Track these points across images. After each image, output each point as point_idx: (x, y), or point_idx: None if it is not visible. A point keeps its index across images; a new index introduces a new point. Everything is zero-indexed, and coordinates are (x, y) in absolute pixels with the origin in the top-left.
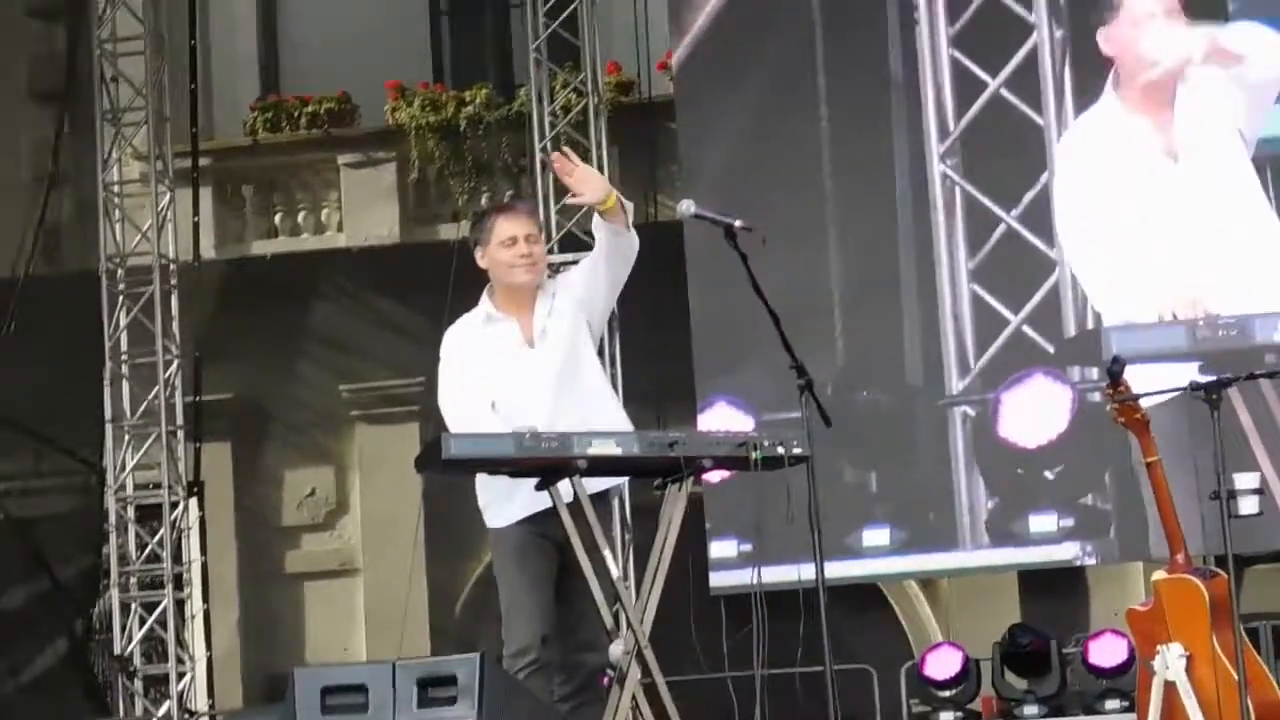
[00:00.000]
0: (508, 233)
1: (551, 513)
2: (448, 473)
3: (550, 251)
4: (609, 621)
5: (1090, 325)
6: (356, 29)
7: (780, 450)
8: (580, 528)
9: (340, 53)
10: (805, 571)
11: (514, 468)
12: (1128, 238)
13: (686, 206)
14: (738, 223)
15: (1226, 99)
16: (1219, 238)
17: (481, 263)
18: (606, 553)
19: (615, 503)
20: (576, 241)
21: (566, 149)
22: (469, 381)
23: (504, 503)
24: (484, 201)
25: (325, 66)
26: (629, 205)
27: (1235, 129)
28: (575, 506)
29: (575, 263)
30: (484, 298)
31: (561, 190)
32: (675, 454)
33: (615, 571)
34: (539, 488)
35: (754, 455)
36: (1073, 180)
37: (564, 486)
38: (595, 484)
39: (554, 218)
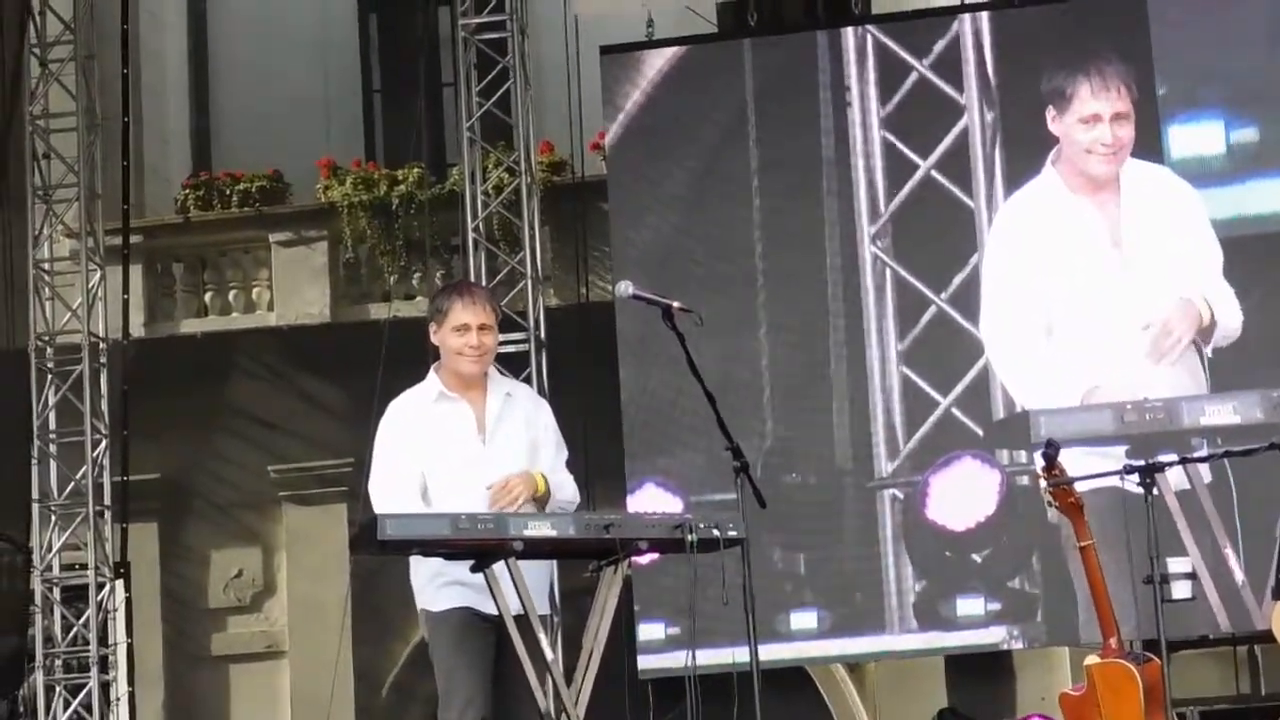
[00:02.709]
0: (461, 319)
1: (486, 593)
2: (383, 554)
3: None
4: (543, 704)
5: (1019, 408)
6: (289, 106)
7: (716, 533)
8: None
9: (273, 130)
10: (738, 655)
11: (450, 549)
12: (1058, 316)
13: (625, 287)
14: (676, 304)
15: (1174, 187)
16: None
17: (433, 339)
18: (541, 635)
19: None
20: (507, 322)
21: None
22: (406, 460)
23: (440, 587)
24: (415, 282)
25: (257, 144)
26: (556, 481)
27: (1183, 215)
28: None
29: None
30: (433, 374)
31: (492, 271)
32: (611, 536)
33: (550, 655)
34: (474, 570)
35: (689, 538)
36: (1004, 254)
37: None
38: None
39: None
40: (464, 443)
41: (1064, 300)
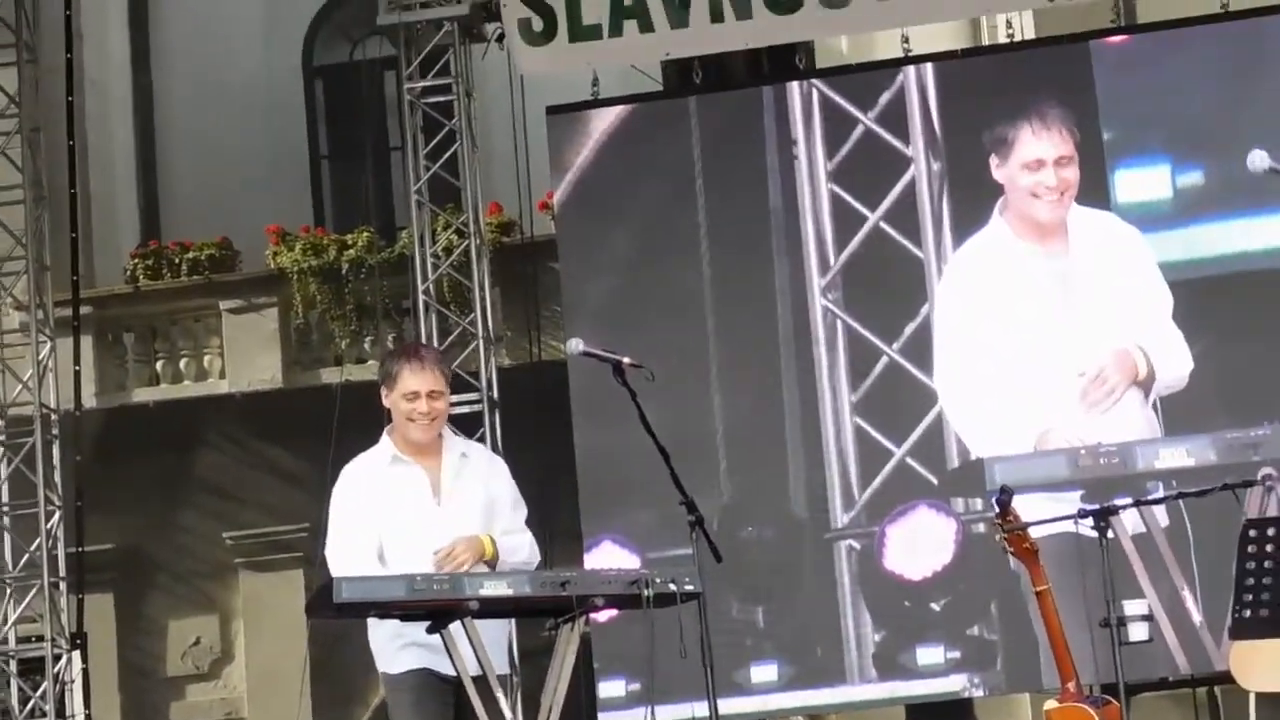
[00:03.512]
0: (410, 386)
1: (444, 654)
2: (340, 617)
3: None
4: None
5: (973, 456)
6: (237, 174)
7: (673, 587)
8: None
9: (221, 198)
10: (698, 709)
11: (405, 610)
12: (1009, 365)
13: (575, 345)
14: (626, 360)
15: (1120, 233)
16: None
17: (385, 402)
18: (500, 695)
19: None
20: (460, 382)
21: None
22: (361, 524)
23: (398, 649)
24: (366, 345)
25: (206, 212)
26: (509, 544)
27: (1131, 261)
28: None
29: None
30: (386, 438)
31: (444, 332)
32: (567, 593)
33: (508, 716)
34: (430, 630)
35: (646, 593)
36: (954, 305)
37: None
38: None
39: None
40: (418, 506)
41: (1013, 349)
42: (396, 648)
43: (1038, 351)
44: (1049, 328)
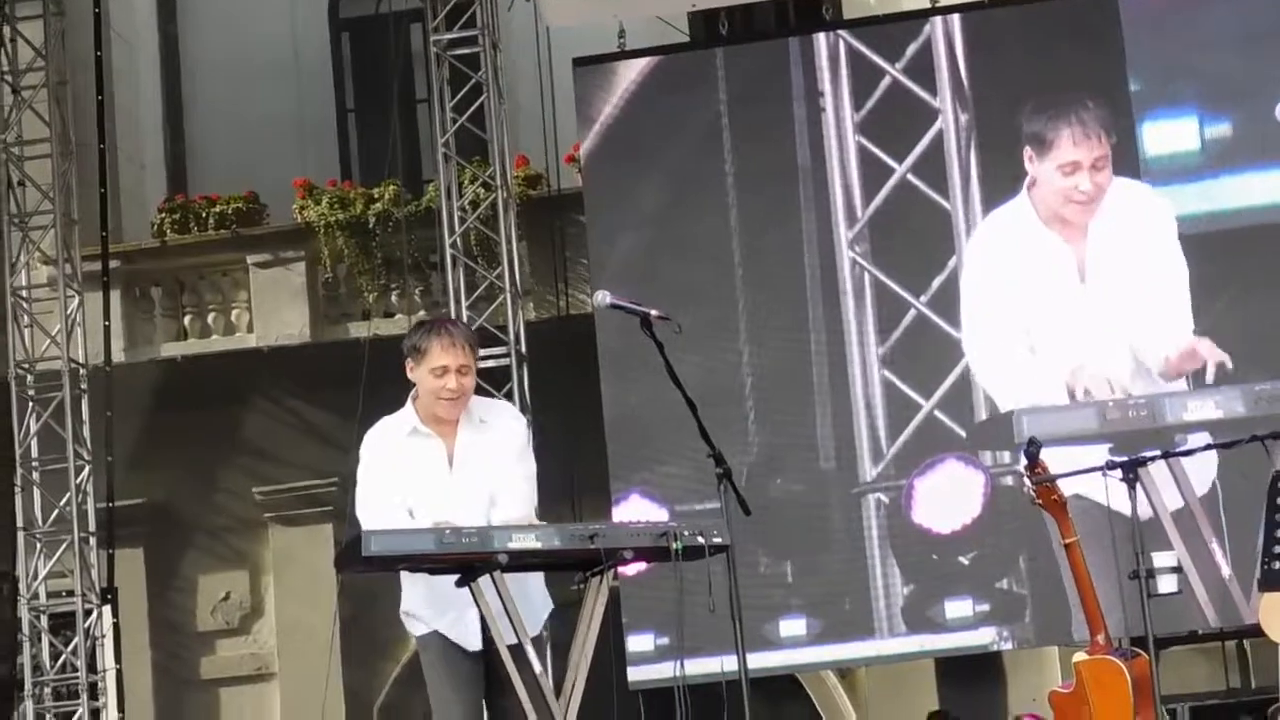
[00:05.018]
0: (439, 361)
1: (472, 629)
2: (368, 571)
3: None
4: (534, 719)
5: (1001, 407)
6: (263, 128)
7: (700, 540)
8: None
9: (247, 152)
10: (727, 663)
11: (434, 563)
12: (1032, 341)
13: (602, 297)
14: (654, 312)
15: (1146, 216)
16: (1119, 349)
17: (409, 375)
18: (529, 649)
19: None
20: (487, 336)
21: None
22: (387, 489)
23: (429, 618)
24: (394, 299)
25: (233, 166)
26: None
27: (1154, 242)
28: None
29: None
30: (410, 406)
31: (471, 286)
32: (596, 546)
33: (538, 668)
34: (459, 584)
35: (675, 545)
36: (981, 276)
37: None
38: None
39: (465, 314)
40: (432, 475)
41: (1037, 316)
42: (428, 618)
43: (1061, 334)
44: (1068, 316)
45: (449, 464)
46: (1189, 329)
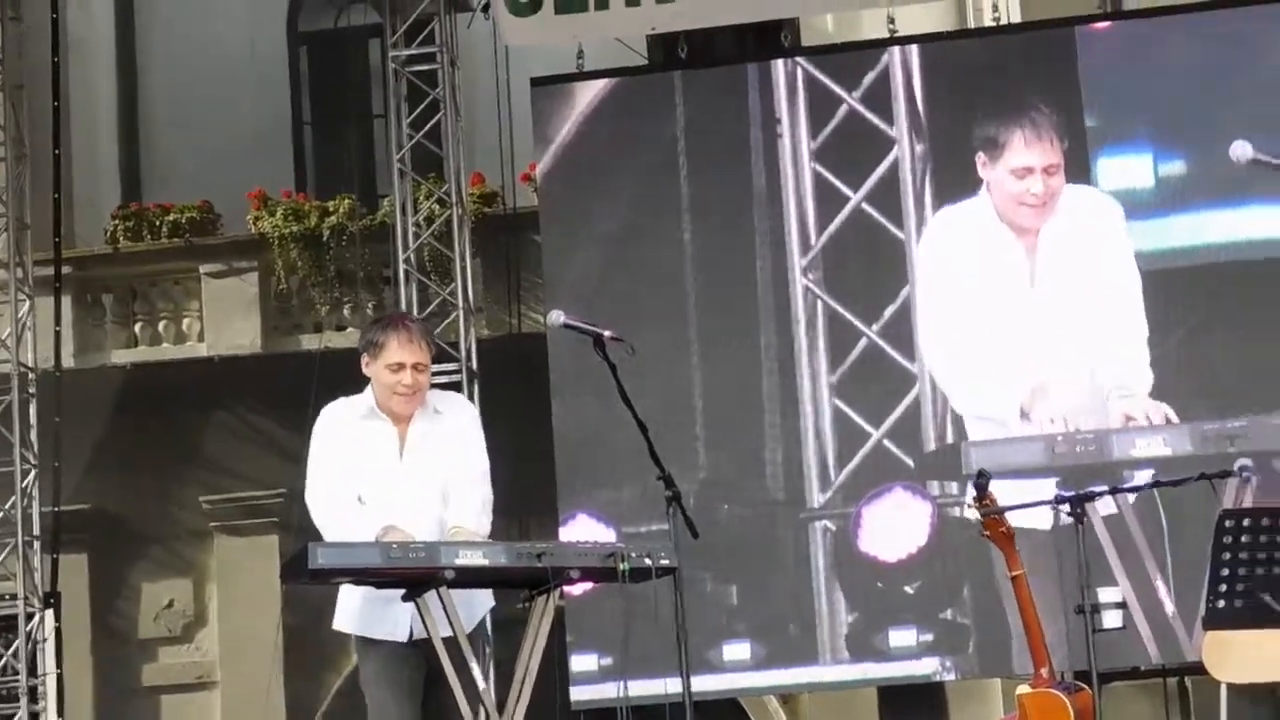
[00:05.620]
0: (396, 357)
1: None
2: (315, 582)
3: None
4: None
5: (950, 440)
6: (220, 138)
7: (648, 562)
8: (449, 644)
9: (203, 161)
10: (671, 685)
11: (381, 578)
12: (986, 337)
13: (556, 316)
14: (607, 333)
15: (1099, 222)
16: (1071, 358)
17: (365, 370)
18: (474, 665)
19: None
20: (439, 352)
21: None
22: (339, 469)
23: (369, 615)
24: (346, 312)
25: (188, 175)
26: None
27: (1106, 251)
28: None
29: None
30: (370, 390)
31: (423, 302)
32: (543, 565)
33: (482, 684)
34: (405, 599)
35: (622, 567)
36: (936, 270)
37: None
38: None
39: None
40: (383, 461)
41: (992, 317)
42: (369, 611)
43: (1010, 335)
44: (1017, 318)
45: (400, 451)
46: (1143, 337)
